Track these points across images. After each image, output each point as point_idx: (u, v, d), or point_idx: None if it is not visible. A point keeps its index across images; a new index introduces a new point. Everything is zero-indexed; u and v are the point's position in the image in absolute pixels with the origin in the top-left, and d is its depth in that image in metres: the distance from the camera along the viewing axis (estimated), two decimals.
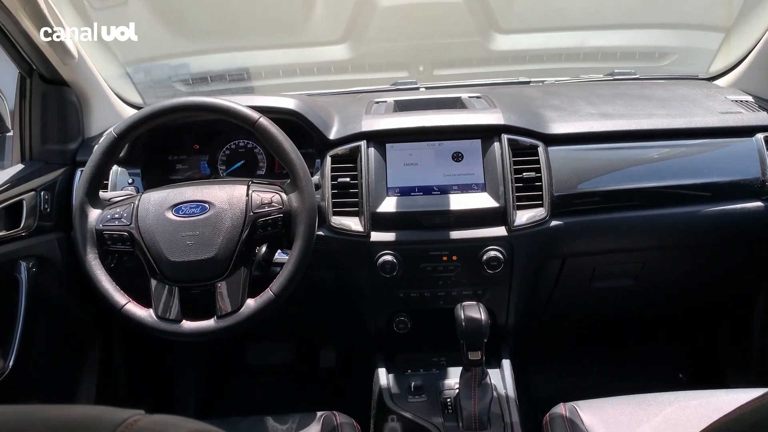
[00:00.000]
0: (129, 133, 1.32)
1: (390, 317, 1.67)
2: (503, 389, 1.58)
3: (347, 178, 1.51)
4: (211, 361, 2.30)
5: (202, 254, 1.25)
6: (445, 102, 1.78)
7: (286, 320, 1.94)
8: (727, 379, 2.06)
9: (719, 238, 1.64)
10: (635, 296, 1.87)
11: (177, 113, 1.32)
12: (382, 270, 1.50)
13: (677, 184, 1.56)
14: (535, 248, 1.54)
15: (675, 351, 2.28)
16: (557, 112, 1.65)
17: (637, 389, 1.92)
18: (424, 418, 1.50)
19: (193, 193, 1.32)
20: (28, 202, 1.49)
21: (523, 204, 1.49)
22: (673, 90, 1.88)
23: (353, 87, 2.10)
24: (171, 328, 1.27)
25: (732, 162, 1.58)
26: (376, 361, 1.70)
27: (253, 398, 2.29)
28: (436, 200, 1.51)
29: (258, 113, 1.31)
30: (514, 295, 1.61)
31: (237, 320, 1.27)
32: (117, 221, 1.29)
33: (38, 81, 1.59)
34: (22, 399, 1.50)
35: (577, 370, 2.25)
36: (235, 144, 1.73)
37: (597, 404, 1.35)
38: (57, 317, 1.67)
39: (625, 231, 1.59)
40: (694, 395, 1.38)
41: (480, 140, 1.54)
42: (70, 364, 1.76)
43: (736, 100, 1.76)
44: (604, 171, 1.55)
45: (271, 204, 1.29)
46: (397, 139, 1.55)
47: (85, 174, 1.31)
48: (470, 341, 1.36)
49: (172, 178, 1.74)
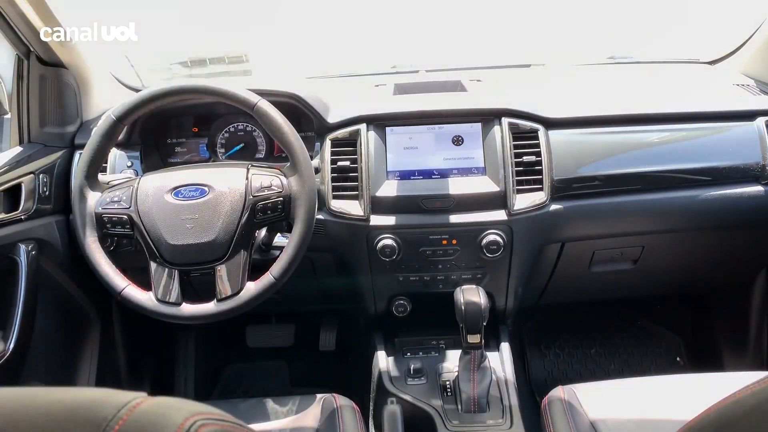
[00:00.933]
0: (128, 116, 1.31)
1: (389, 300, 1.68)
2: (502, 372, 1.59)
3: (347, 161, 1.51)
4: (211, 344, 2.31)
5: (201, 237, 1.25)
6: (445, 85, 1.77)
7: (285, 303, 1.94)
8: (724, 363, 2.08)
9: (719, 222, 1.64)
10: (634, 280, 1.87)
11: (176, 96, 1.31)
12: (382, 254, 1.50)
13: (677, 168, 1.55)
14: (534, 232, 1.54)
15: (673, 334, 2.30)
16: (558, 96, 1.65)
17: (635, 372, 1.94)
18: (423, 400, 1.51)
19: (193, 176, 1.31)
20: (26, 185, 1.49)
21: (523, 188, 1.49)
22: (674, 74, 1.88)
23: (353, 70, 2.09)
24: (171, 311, 1.27)
25: (732, 146, 1.58)
26: (376, 343, 1.71)
27: (252, 380, 2.30)
28: (436, 184, 1.50)
29: (257, 96, 1.30)
30: (513, 278, 1.61)
31: (237, 303, 1.27)
32: (116, 204, 1.29)
33: (35, 63, 1.58)
34: (22, 381, 1.50)
35: (575, 354, 2.27)
36: (234, 127, 1.72)
37: (595, 387, 1.35)
38: (57, 300, 1.67)
39: (625, 215, 1.59)
40: (691, 378, 1.39)
41: (480, 124, 1.54)
42: (70, 347, 1.77)
43: (737, 84, 1.75)
44: (605, 155, 1.54)
45: (270, 187, 1.29)
46: (397, 123, 1.54)
47: (84, 157, 1.30)
48: (469, 325, 1.36)
49: (171, 161, 1.74)
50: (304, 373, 2.33)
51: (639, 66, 2.14)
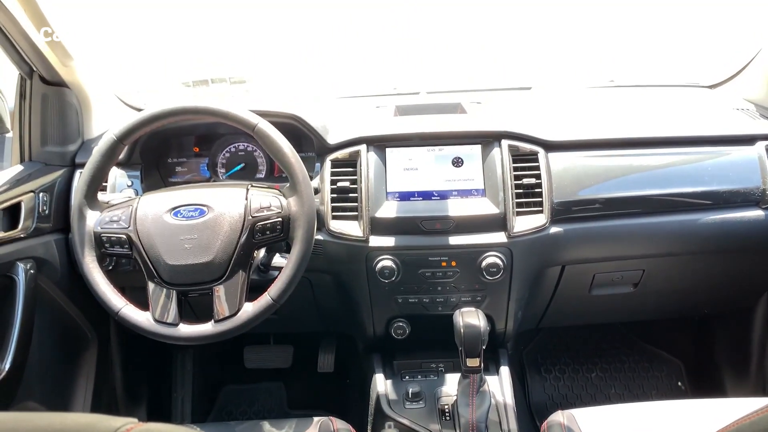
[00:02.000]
0: (128, 136, 1.31)
1: (388, 322, 1.66)
2: (501, 396, 1.57)
3: (347, 182, 1.51)
4: (208, 364, 2.30)
5: (200, 258, 1.24)
6: (445, 107, 1.78)
7: (284, 323, 1.93)
8: (726, 388, 2.06)
9: (719, 246, 1.64)
10: (635, 303, 1.86)
11: (177, 116, 1.31)
12: (381, 275, 1.50)
13: (678, 192, 1.55)
14: (534, 255, 1.53)
15: (674, 359, 2.28)
16: (558, 119, 1.65)
17: (636, 397, 1.92)
18: (421, 425, 1.50)
19: (192, 196, 1.31)
20: (26, 203, 1.49)
21: (522, 210, 1.49)
22: (674, 98, 1.88)
23: (354, 92, 2.10)
24: (168, 332, 1.26)
25: (733, 170, 1.58)
26: (374, 366, 1.69)
27: (250, 401, 2.28)
28: (435, 205, 1.50)
29: (258, 117, 1.30)
30: (513, 301, 1.60)
31: (234, 324, 1.26)
32: (115, 224, 1.28)
33: (38, 82, 1.59)
34: (17, 400, 1.49)
35: (575, 377, 2.25)
36: (234, 147, 1.73)
37: (595, 412, 1.34)
38: (54, 319, 1.66)
39: (626, 238, 1.58)
40: (693, 404, 1.38)
41: (480, 146, 1.54)
42: (66, 367, 1.75)
43: (738, 108, 1.76)
44: (605, 178, 1.54)
45: (270, 208, 1.29)
46: (398, 144, 1.55)
47: (84, 176, 1.30)
48: (468, 348, 1.35)
49: (172, 180, 1.74)
50: (301, 394, 2.31)
51: (639, 89, 2.14)
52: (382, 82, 2.25)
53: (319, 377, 2.26)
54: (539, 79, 2.21)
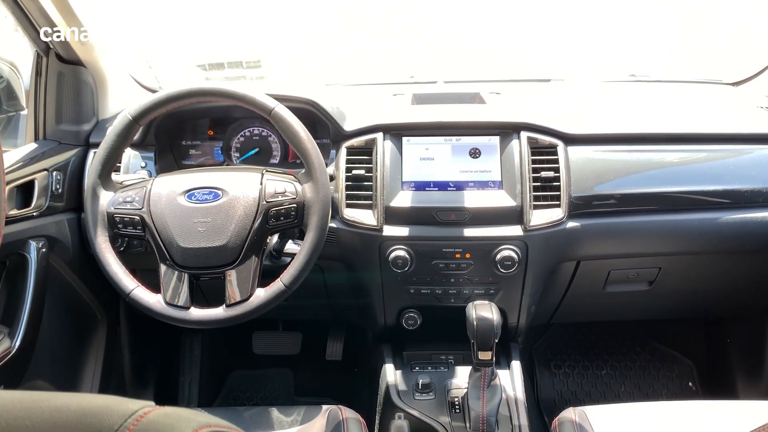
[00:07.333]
0: (144, 116, 1.30)
1: (399, 313, 1.65)
2: (512, 391, 1.56)
3: (362, 170, 1.49)
4: (216, 348, 2.30)
5: (213, 241, 1.24)
6: (463, 97, 1.76)
7: (293, 310, 1.93)
8: (738, 390, 2.03)
9: (739, 246, 1.61)
10: (649, 302, 1.84)
11: (193, 98, 1.30)
12: (394, 265, 1.48)
13: (698, 189, 1.52)
14: (550, 249, 1.51)
15: (686, 359, 2.26)
16: (578, 112, 1.63)
17: (646, 396, 1.90)
18: (431, 416, 1.49)
19: (207, 179, 1.30)
20: (39, 181, 1.48)
21: (540, 204, 1.47)
22: (696, 94, 1.85)
23: (371, 79, 2.09)
24: (179, 315, 1.26)
25: (755, 169, 1.55)
26: (384, 356, 1.69)
27: (257, 387, 2.28)
28: (451, 196, 1.48)
29: (275, 101, 1.29)
30: (527, 295, 1.59)
31: (246, 309, 1.25)
32: (129, 204, 1.28)
33: (54, 60, 1.58)
34: (27, 378, 1.49)
35: (585, 374, 2.23)
36: (249, 131, 1.72)
37: (607, 410, 1.33)
38: (64, 298, 1.66)
39: (643, 235, 1.56)
40: (704, 405, 1.37)
41: (498, 137, 1.52)
42: (76, 346, 1.76)
43: (761, 106, 1.72)
44: (624, 173, 1.52)
45: (284, 194, 1.27)
46: (414, 133, 1.53)
47: (98, 156, 1.29)
48: (481, 341, 1.34)
49: (185, 163, 1.73)
50: (309, 382, 2.31)
51: (660, 84, 2.11)
52: (399, 71, 2.23)
53: (327, 365, 2.25)
54: (558, 71, 2.18)
